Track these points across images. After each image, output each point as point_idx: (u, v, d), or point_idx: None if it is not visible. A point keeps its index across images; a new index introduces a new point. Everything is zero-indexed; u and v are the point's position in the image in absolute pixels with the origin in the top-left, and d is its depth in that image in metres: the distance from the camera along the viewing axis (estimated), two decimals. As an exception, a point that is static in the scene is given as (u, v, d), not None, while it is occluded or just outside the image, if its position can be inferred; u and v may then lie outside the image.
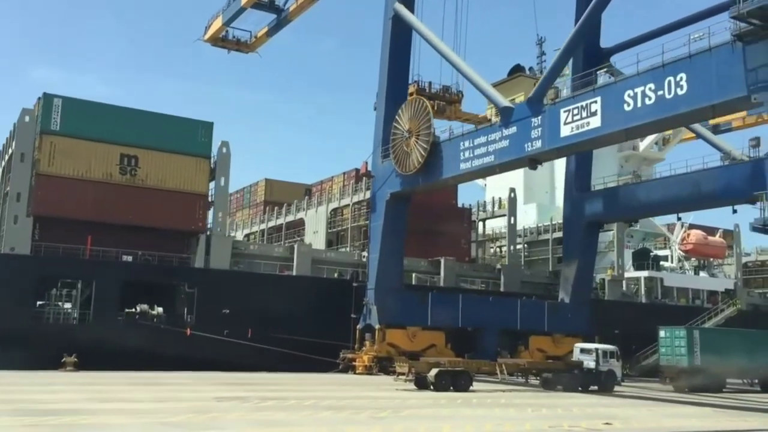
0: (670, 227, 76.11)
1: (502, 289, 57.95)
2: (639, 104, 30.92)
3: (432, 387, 33.57)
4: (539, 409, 25.99)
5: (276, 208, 69.04)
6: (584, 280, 54.01)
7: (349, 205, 58.15)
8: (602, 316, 55.27)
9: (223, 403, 23.99)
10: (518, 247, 71.43)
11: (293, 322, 46.20)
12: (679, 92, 29.27)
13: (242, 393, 27.87)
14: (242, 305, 46.45)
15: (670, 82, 29.72)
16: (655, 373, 52.78)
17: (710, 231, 73.13)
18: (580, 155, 52.40)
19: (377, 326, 46.76)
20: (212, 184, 48.54)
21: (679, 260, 72.35)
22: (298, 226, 65.09)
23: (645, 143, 79.48)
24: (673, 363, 44.94)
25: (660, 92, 30.05)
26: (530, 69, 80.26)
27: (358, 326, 48.32)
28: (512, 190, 61.73)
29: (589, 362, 39.94)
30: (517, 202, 61.26)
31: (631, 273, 67.08)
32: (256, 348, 45.18)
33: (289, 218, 66.46)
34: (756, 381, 47.74)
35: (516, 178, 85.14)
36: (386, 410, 23.38)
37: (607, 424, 21.83)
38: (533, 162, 37.48)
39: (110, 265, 43.80)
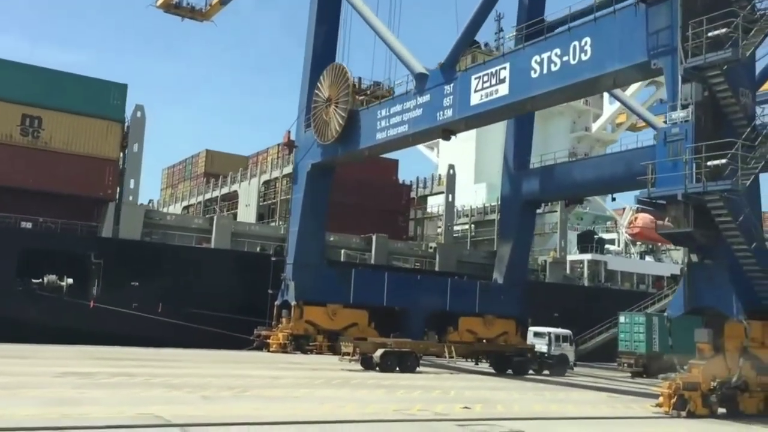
0: (619, 211, 74.96)
1: (437, 269, 56.27)
2: (545, 71, 28.99)
3: (378, 368, 32.71)
4: (413, 391, 24.27)
5: (213, 180, 66.65)
6: (519, 261, 52.44)
7: (279, 177, 55.92)
8: (541, 299, 53.91)
9: (57, 378, 21.95)
10: (464, 227, 70.09)
11: (208, 297, 44.15)
12: (584, 58, 27.38)
13: (101, 369, 25.83)
14: (153, 278, 44.25)
15: (575, 47, 27.77)
16: (594, 356, 52.05)
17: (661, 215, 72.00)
18: (519, 131, 50.76)
19: (293, 303, 44.86)
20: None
21: (626, 244, 71.21)
22: (232, 199, 62.86)
23: (597, 124, 78.19)
24: (632, 349, 44.31)
25: (565, 58, 28.14)
26: (486, 45, 78.21)
27: (275, 302, 46.43)
28: (451, 166, 59.88)
29: (542, 346, 39.25)
30: (455, 179, 59.22)
31: (574, 256, 65.74)
32: (166, 323, 43.19)
33: (224, 191, 64.12)
34: None
35: (468, 156, 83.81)
36: (233, 389, 21.50)
37: (465, 408, 20.09)
38: (447, 133, 35.54)
39: (7, 231, 41.27)
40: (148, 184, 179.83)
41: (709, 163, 20.57)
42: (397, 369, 33.19)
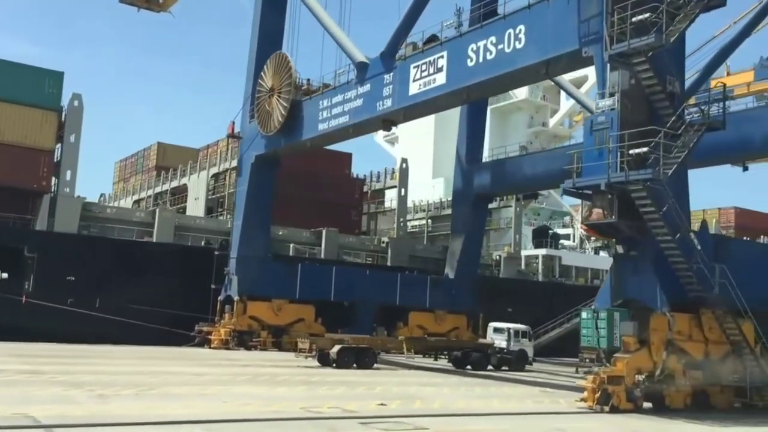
0: (576, 207, 75.03)
1: (389, 264, 55.54)
2: (481, 59, 28.35)
3: (334, 364, 32.22)
4: (337, 387, 23.48)
5: (163, 173, 65.06)
6: (471, 256, 51.90)
7: (228, 170, 54.64)
8: (495, 294, 53.50)
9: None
10: (422, 222, 69.56)
11: (148, 292, 42.81)
12: (518, 46, 26.78)
13: (10, 366, 24.57)
14: (90, 273, 42.77)
15: (510, 34, 27.17)
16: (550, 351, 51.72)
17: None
18: (472, 125, 50.26)
19: (236, 298, 43.74)
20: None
21: (581, 239, 71.26)
22: (182, 192, 61.39)
23: (555, 119, 78.19)
24: (594, 344, 43.88)
25: (500, 46, 27.50)
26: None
27: (219, 298, 45.25)
28: (404, 160, 59.18)
29: (501, 341, 38.97)
30: (409, 173, 58.49)
31: (529, 251, 65.55)
32: (104, 319, 41.76)
33: (174, 184, 62.59)
34: None
35: (426, 151, 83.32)
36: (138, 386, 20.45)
37: (381, 405, 19.33)
38: (387, 123, 34.75)
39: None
40: (100, 177, 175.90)
41: (631, 152, 20.07)
42: (355, 365, 32.74)
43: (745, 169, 38.34)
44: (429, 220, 67.86)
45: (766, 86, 61.12)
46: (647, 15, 20.23)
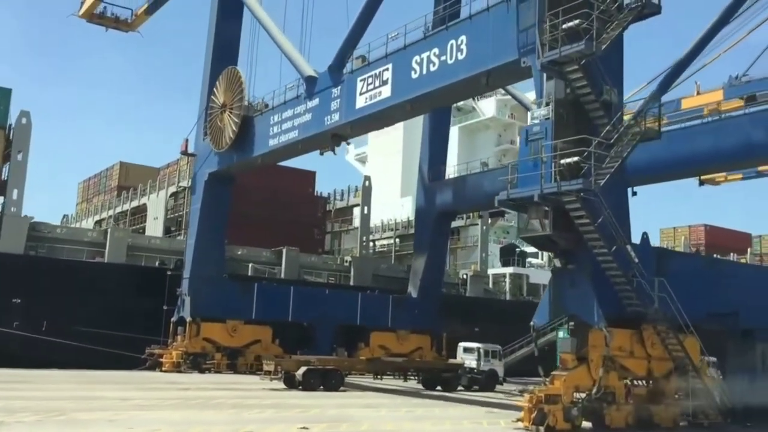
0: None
1: (352, 283, 54.58)
2: (424, 71, 27.81)
3: (300, 386, 31.67)
4: (266, 411, 22.45)
5: (124, 193, 63.87)
6: (434, 274, 51.03)
7: (186, 188, 53.54)
8: (461, 313, 52.70)
9: None
10: (389, 241, 68.88)
11: (98, 314, 41.38)
12: (460, 57, 26.29)
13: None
14: (38, 295, 41.33)
15: (452, 45, 26.68)
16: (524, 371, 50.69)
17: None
18: (434, 141, 49.72)
19: (189, 319, 42.48)
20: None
21: (549, 257, 70.74)
22: (143, 212, 60.19)
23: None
24: None
25: (443, 57, 27.00)
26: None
27: (172, 319, 43.96)
28: (367, 178, 58.42)
29: (471, 361, 38.50)
30: (371, 191, 57.75)
31: (496, 269, 64.92)
32: (51, 342, 40.31)
33: (135, 203, 61.39)
34: None
35: (395, 169, 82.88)
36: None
37: (303, 428, 18.34)
38: (336, 138, 33.99)
39: None
40: (63, 198, 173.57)
41: (562, 162, 19.47)
42: (321, 387, 32.15)
43: (701, 183, 38.08)
44: (397, 239, 67.16)
45: (736, 105, 61.58)
46: (577, 22, 19.75)
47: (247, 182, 54.01)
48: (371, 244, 71.23)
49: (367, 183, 57.74)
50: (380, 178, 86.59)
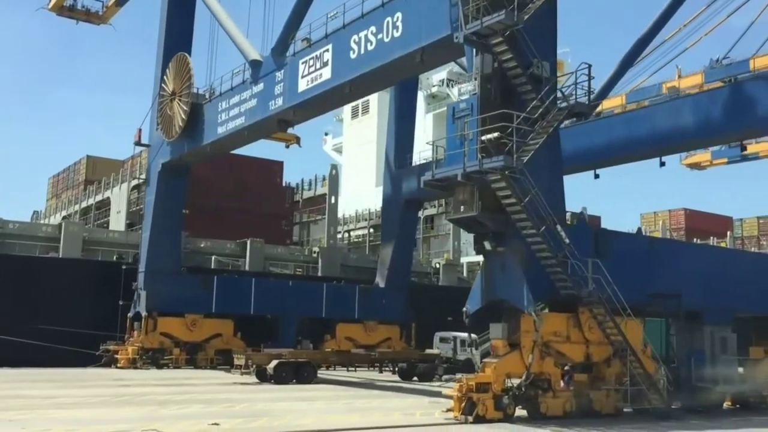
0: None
1: (319, 274, 53.62)
2: (362, 51, 26.78)
3: (272, 380, 31.51)
4: (191, 406, 21.51)
5: (89, 187, 62.67)
6: (401, 263, 49.96)
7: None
8: (433, 303, 51.76)
9: None
10: (364, 231, 68.08)
11: (51, 311, 40.35)
12: (396, 35, 25.24)
13: None
14: (-13, 291, 40.24)
15: (388, 23, 25.63)
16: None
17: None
18: (400, 128, 48.62)
19: (145, 314, 41.44)
20: None
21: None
22: (107, 206, 59.02)
23: (497, 124, 77.21)
24: None
25: (380, 36, 25.96)
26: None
27: (128, 314, 42.90)
28: (333, 167, 57.37)
29: (448, 351, 37.95)
30: (339, 180, 56.74)
31: (470, 257, 64.01)
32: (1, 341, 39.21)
33: (99, 198, 60.21)
34: None
35: (370, 159, 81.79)
36: None
37: (213, 424, 17.41)
38: (283, 123, 32.96)
39: None
40: (34, 194, 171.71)
41: (483, 138, 18.51)
42: (294, 381, 31.80)
43: (662, 164, 37.19)
44: (371, 229, 66.21)
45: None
46: (498, -10, 18.75)
47: (212, 173, 53.03)
48: (346, 234, 70.56)
49: (334, 172, 56.68)
50: (356, 168, 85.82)
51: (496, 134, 18.26)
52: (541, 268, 19.80)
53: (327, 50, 28.77)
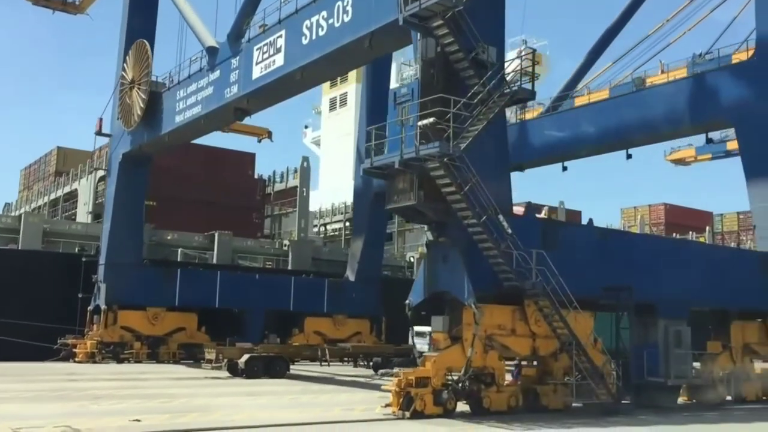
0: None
1: (290, 267, 52.86)
2: (314, 36, 26.03)
3: (244, 374, 31.21)
4: (124, 402, 20.75)
5: (57, 178, 61.60)
6: (372, 257, 49.24)
7: (114, 172, 51.36)
8: (406, 297, 50.95)
9: None
10: (340, 225, 67.38)
11: (8, 304, 39.34)
12: (345, 19, 24.50)
13: None
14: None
15: (339, 7, 24.87)
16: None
17: (538, 208, 70.74)
18: (371, 119, 47.79)
19: (104, 307, 40.55)
20: None
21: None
22: (76, 198, 57.99)
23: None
24: None
25: (331, 20, 25.22)
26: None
27: (89, 308, 42.00)
28: (305, 159, 56.63)
29: (423, 345, 37.23)
30: (310, 171, 55.95)
31: (444, 251, 63.47)
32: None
33: (67, 189, 59.15)
34: None
35: (349, 152, 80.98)
36: None
37: (135, 420, 16.70)
38: (240, 112, 32.16)
39: None
40: (6, 186, 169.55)
41: (419, 124, 17.83)
42: (266, 375, 31.54)
43: (629, 157, 36.73)
44: (347, 223, 65.43)
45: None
46: (437, -30, 18.04)
47: (181, 164, 52.13)
48: (322, 228, 69.80)
49: (305, 164, 55.89)
50: (334, 161, 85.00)
51: (431, 119, 17.57)
52: (484, 259, 19.16)
53: (280, 36, 27.99)
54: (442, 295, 20.08)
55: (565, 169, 39.65)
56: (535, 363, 21.86)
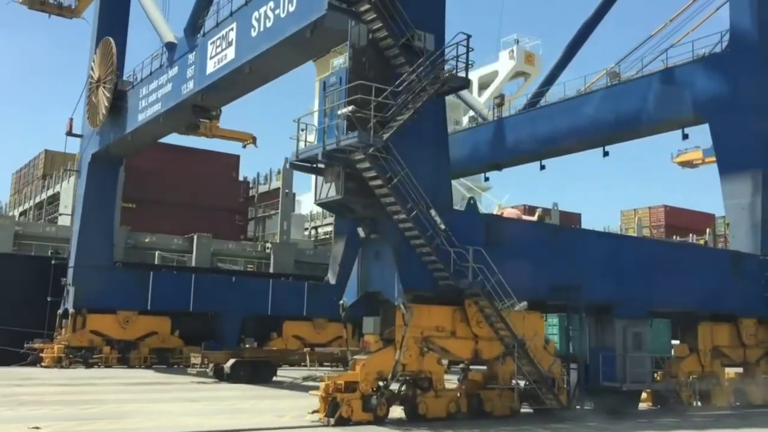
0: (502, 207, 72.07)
1: (272, 270, 51.97)
2: (262, 28, 25.12)
3: (229, 379, 30.88)
4: (64, 408, 19.89)
5: (41, 181, 61.16)
6: (353, 259, 48.31)
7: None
8: (391, 300, 50.13)
9: None
10: (330, 228, 66.41)
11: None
12: (291, 9, 23.54)
13: None
14: None
15: (285, -2, 23.98)
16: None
17: (531, 210, 69.44)
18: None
19: (72, 310, 39.79)
20: None
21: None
22: (58, 200, 57.50)
23: (467, 117, 75.47)
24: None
25: (277, 11, 24.28)
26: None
27: (58, 311, 41.27)
28: (287, 159, 55.58)
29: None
30: (293, 173, 55.01)
31: (433, 253, 62.40)
32: None
33: (50, 192, 58.66)
34: None
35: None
36: None
37: (34, 428, 15.77)
38: (199, 110, 31.31)
39: None
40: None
41: (339, 113, 16.86)
42: (252, 380, 30.99)
43: (606, 154, 35.48)
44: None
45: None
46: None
47: (162, 166, 51.44)
48: (314, 231, 68.87)
49: (287, 164, 54.91)
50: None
51: (350, 108, 16.59)
52: (417, 257, 18.14)
53: (232, 29, 27.11)
54: (376, 294, 19.04)
55: (542, 167, 38.51)
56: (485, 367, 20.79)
